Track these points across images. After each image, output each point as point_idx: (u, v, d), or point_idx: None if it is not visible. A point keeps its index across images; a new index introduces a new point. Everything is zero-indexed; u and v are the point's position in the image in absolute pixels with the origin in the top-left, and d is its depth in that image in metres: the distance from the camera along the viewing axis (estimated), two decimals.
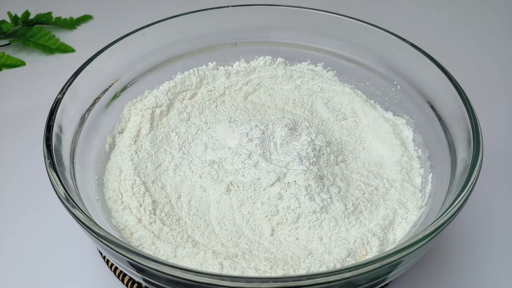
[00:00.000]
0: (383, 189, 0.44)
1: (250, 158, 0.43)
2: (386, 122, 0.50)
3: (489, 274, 0.44)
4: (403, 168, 0.46)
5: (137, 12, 0.80)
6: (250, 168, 0.43)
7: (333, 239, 0.40)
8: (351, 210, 0.41)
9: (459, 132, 0.41)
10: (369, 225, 0.41)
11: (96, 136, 0.46)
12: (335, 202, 0.41)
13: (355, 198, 0.42)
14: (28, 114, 0.59)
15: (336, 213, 0.41)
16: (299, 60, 0.56)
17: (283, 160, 0.43)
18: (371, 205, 0.43)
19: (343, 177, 0.44)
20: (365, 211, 0.42)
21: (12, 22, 0.73)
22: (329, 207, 0.41)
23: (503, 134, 0.57)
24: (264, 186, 0.42)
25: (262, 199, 0.42)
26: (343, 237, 0.40)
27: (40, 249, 0.45)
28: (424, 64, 0.47)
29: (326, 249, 0.39)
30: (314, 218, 0.41)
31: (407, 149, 0.48)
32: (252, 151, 0.44)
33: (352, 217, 0.41)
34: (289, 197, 0.41)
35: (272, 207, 0.41)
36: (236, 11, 0.54)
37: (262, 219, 0.41)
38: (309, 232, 0.40)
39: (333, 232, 0.40)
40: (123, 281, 0.42)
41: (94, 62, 0.46)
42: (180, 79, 0.53)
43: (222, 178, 0.43)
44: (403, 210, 0.42)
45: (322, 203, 0.41)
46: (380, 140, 0.49)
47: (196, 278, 0.30)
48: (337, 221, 0.41)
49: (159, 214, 0.42)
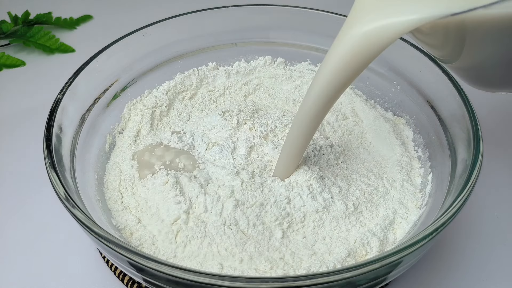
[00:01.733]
0: (383, 189, 0.44)
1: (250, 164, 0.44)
2: (386, 122, 0.50)
3: (489, 274, 0.44)
4: (403, 168, 0.46)
5: (137, 12, 0.80)
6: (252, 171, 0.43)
7: (334, 239, 0.40)
8: (351, 210, 0.41)
9: (459, 132, 0.41)
10: (369, 225, 0.41)
11: (96, 136, 0.46)
12: (336, 202, 0.41)
13: (356, 198, 0.42)
14: (28, 114, 0.59)
15: (337, 213, 0.41)
16: (299, 60, 0.56)
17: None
18: (371, 205, 0.42)
19: (344, 177, 0.44)
20: (365, 211, 0.42)
21: (12, 22, 0.73)
22: (330, 207, 0.41)
23: (503, 134, 0.57)
24: (269, 184, 0.42)
25: (269, 202, 0.41)
26: (343, 237, 0.40)
27: (40, 249, 0.45)
28: (424, 64, 0.47)
29: (327, 249, 0.39)
30: (317, 218, 0.41)
31: (407, 149, 0.48)
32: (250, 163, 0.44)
33: (353, 217, 0.41)
34: (294, 196, 0.41)
35: (281, 209, 0.41)
36: (236, 11, 0.54)
37: (271, 222, 0.40)
38: (314, 231, 0.40)
39: (334, 232, 0.40)
40: (123, 281, 0.42)
41: (94, 62, 0.46)
42: (180, 79, 0.53)
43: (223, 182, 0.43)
44: (403, 210, 0.42)
45: (324, 202, 0.41)
46: (380, 140, 0.49)
47: (196, 278, 0.30)
48: (338, 221, 0.41)
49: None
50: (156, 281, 0.32)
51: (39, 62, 0.69)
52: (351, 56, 0.30)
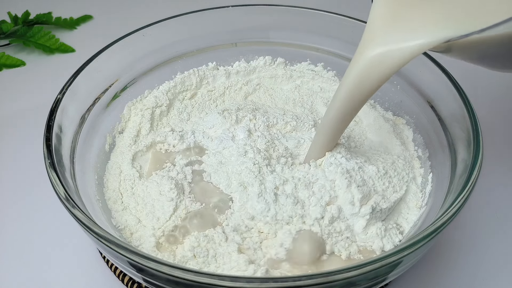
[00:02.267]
0: (401, 161, 0.45)
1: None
2: (386, 122, 0.50)
3: (489, 274, 0.44)
4: (406, 162, 0.46)
5: (137, 12, 0.80)
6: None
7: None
8: (382, 173, 0.42)
9: (459, 132, 0.41)
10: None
11: (96, 136, 0.46)
12: (367, 165, 0.43)
13: (381, 163, 0.44)
14: (28, 114, 0.59)
15: (371, 173, 0.42)
16: (299, 60, 0.56)
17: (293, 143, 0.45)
18: (397, 172, 0.44)
19: (361, 155, 0.45)
20: (394, 176, 0.43)
21: (12, 22, 0.73)
22: (364, 167, 0.42)
23: (503, 134, 0.57)
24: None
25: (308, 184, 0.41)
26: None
27: (40, 249, 0.45)
28: (424, 64, 0.47)
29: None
30: (359, 177, 0.41)
31: (407, 149, 0.48)
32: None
33: (385, 179, 0.42)
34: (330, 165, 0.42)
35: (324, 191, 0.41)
36: (236, 11, 0.54)
37: (314, 205, 0.40)
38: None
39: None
40: (123, 281, 0.42)
41: (94, 62, 0.46)
42: (180, 79, 0.53)
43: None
44: (405, 210, 0.42)
45: (357, 164, 0.42)
46: (380, 140, 0.49)
47: (196, 278, 0.30)
48: (374, 181, 0.42)
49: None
50: (156, 281, 0.32)
51: (39, 62, 0.69)
52: (364, 74, 0.34)
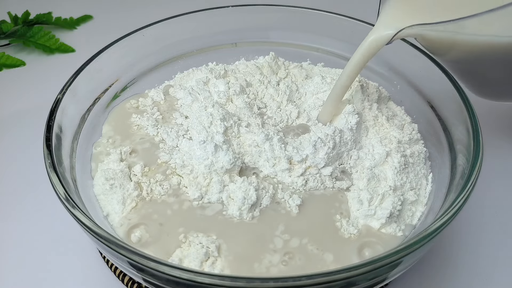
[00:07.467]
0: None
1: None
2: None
3: (489, 274, 0.44)
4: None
5: (137, 12, 0.80)
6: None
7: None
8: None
9: (459, 132, 0.41)
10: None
11: (96, 136, 0.46)
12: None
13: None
14: (28, 114, 0.59)
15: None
16: (299, 60, 0.56)
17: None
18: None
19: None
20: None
21: (12, 22, 0.73)
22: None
23: (503, 134, 0.57)
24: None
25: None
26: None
27: (40, 249, 0.45)
28: (424, 64, 0.47)
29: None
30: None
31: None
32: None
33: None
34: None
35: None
36: (236, 11, 0.54)
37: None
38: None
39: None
40: (123, 281, 0.42)
41: (94, 62, 0.46)
42: (180, 79, 0.53)
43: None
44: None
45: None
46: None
47: (196, 278, 0.30)
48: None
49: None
50: (156, 281, 0.32)
51: (39, 62, 0.69)
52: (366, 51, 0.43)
